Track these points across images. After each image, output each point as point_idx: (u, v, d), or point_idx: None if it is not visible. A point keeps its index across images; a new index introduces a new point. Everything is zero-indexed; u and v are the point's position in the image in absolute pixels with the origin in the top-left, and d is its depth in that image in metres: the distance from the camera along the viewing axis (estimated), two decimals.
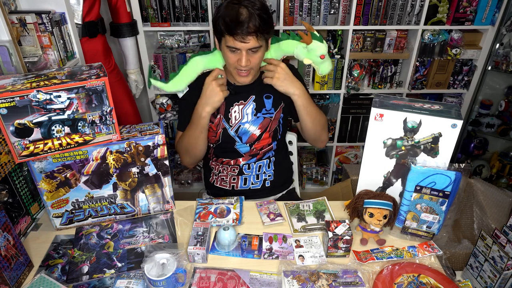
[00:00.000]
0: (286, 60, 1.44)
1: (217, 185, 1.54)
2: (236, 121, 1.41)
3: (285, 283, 1.01)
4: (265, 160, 1.50)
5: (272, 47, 1.38)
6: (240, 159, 1.47)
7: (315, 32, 1.32)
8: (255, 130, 1.42)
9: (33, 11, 1.46)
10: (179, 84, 1.40)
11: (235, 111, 1.40)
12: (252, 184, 1.50)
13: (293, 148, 1.70)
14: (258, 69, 1.37)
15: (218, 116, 1.41)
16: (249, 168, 1.48)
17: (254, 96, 1.41)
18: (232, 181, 1.50)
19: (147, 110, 2.53)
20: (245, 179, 1.50)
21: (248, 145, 1.45)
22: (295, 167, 1.71)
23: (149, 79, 1.45)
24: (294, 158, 1.71)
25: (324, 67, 1.39)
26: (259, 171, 1.50)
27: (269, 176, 1.52)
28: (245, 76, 1.32)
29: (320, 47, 1.33)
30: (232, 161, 1.48)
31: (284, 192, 1.60)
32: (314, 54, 1.34)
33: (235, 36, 1.20)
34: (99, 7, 1.88)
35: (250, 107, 1.41)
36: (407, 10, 2.12)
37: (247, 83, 1.34)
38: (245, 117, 1.41)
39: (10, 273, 0.96)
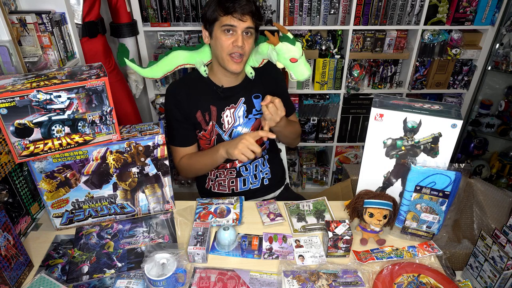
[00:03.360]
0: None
1: (215, 191, 1.52)
2: (229, 126, 1.41)
3: (285, 283, 1.01)
4: (259, 159, 1.50)
5: (252, 51, 1.37)
6: (236, 161, 1.46)
7: (288, 34, 1.25)
8: (248, 132, 1.42)
9: (33, 11, 1.46)
10: (156, 72, 1.42)
11: (227, 116, 1.40)
12: (252, 184, 1.51)
13: (281, 145, 1.72)
14: (247, 61, 1.36)
15: (211, 123, 1.39)
16: (246, 169, 1.49)
17: (243, 98, 1.40)
18: (231, 184, 1.50)
19: (147, 110, 2.53)
20: (244, 180, 1.50)
21: None
22: (284, 162, 1.72)
23: (122, 58, 1.42)
24: (283, 155, 1.73)
25: (297, 72, 1.29)
26: (255, 170, 1.50)
27: (266, 174, 1.53)
28: (238, 63, 1.29)
29: (290, 50, 1.25)
30: (228, 165, 1.47)
31: (282, 188, 1.61)
32: (283, 56, 1.26)
33: (233, 14, 1.22)
34: (99, 7, 1.88)
35: (241, 109, 1.41)
36: (407, 10, 2.12)
37: (238, 71, 1.31)
38: (237, 120, 1.41)
39: (10, 273, 0.96)
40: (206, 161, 1.39)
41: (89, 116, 1.03)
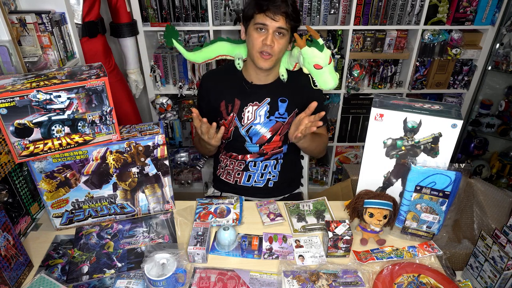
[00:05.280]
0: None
1: (222, 178, 1.56)
2: (248, 121, 1.42)
3: (285, 283, 1.01)
4: (272, 161, 1.50)
5: (288, 53, 1.38)
6: (248, 156, 1.48)
7: (319, 40, 1.23)
8: (265, 132, 1.43)
9: (33, 11, 1.46)
10: (198, 57, 1.49)
11: (248, 111, 1.41)
12: (255, 182, 1.51)
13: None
14: (278, 61, 1.36)
15: (232, 114, 1.42)
16: (254, 165, 1.49)
17: (269, 99, 1.41)
18: (236, 175, 1.51)
19: (147, 110, 2.53)
20: (249, 175, 1.50)
21: (258, 145, 1.45)
22: (305, 171, 1.69)
23: (170, 39, 1.48)
24: (305, 163, 1.69)
25: (321, 80, 1.28)
26: (264, 170, 1.50)
27: (273, 176, 1.52)
28: (266, 59, 1.30)
29: (315, 56, 1.23)
30: (239, 156, 1.49)
31: (287, 195, 1.60)
32: (307, 61, 1.26)
33: (266, 12, 1.24)
34: (99, 7, 1.88)
35: (263, 109, 1.41)
36: (407, 10, 2.12)
37: (266, 68, 1.33)
38: (257, 118, 1.42)
39: (10, 273, 0.96)
40: (203, 145, 1.44)
41: (89, 116, 1.03)
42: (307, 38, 1.28)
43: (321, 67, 1.25)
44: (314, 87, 1.33)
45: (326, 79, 1.28)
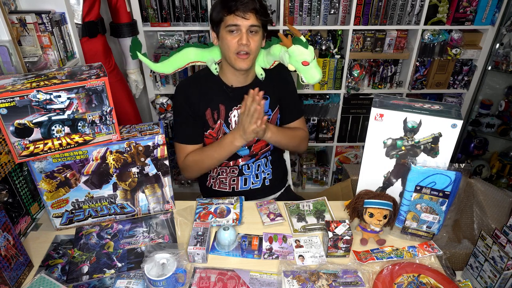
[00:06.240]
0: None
1: (216, 188, 1.52)
2: (236, 126, 1.40)
3: (285, 283, 1.01)
4: (262, 160, 1.50)
5: (263, 52, 1.38)
6: (239, 160, 1.47)
7: (301, 37, 1.26)
8: None
9: (33, 11, 1.46)
10: (167, 68, 1.43)
11: (234, 116, 1.40)
12: (253, 184, 1.51)
13: None
14: (255, 60, 1.35)
15: (219, 122, 1.40)
16: (248, 168, 1.49)
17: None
18: (232, 182, 1.50)
19: (147, 110, 2.53)
20: (245, 179, 1.50)
21: (247, 147, 1.45)
22: (287, 164, 1.72)
23: (135, 52, 1.43)
24: (286, 155, 1.73)
25: (308, 76, 1.31)
26: (258, 170, 1.50)
27: (268, 174, 1.52)
28: (244, 59, 1.28)
29: (302, 53, 1.27)
30: (231, 162, 1.47)
31: (282, 190, 1.61)
32: (295, 59, 1.28)
33: (236, 12, 1.22)
34: (99, 7, 1.88)
35: None
36: (407, 10, 2.12)
37: (245, 68, 1.31)
38: None
39: (10, 273, 0.96)
40: (214, 150, 1.37)
41: (89, 116, 1.03)
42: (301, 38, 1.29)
43: (308, 63, 1.28)
44: (302, 83, 1.35)
45: (313, 74, 1.31)
